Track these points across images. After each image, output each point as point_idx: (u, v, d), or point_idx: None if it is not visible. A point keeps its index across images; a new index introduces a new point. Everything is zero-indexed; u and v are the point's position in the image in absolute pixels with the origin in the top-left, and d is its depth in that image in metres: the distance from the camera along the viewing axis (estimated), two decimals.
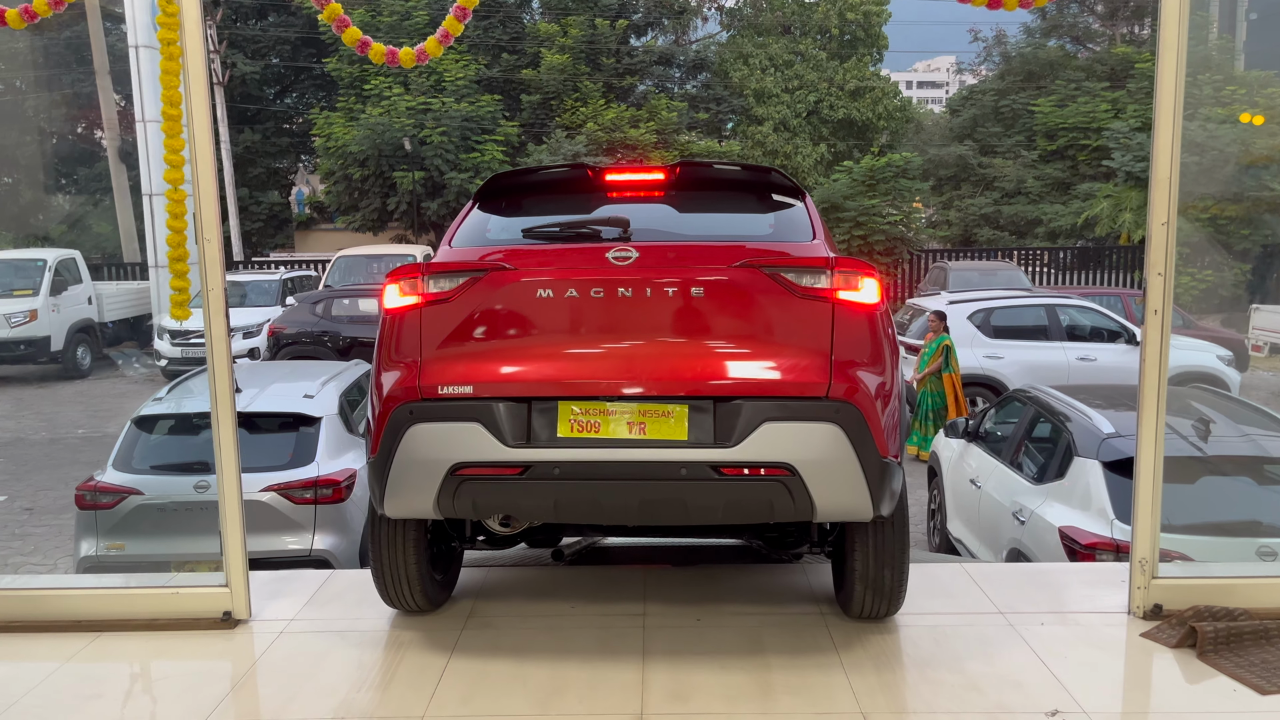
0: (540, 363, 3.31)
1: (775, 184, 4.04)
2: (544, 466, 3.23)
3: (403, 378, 3.34)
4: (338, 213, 29.41)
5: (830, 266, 3.36)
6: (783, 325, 3.32)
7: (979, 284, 18.95)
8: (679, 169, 3.99)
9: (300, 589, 4.26)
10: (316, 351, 15.10)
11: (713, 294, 3.34)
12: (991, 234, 27.97)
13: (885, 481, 3.28)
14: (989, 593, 4.06)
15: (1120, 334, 12.88)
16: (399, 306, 3.46)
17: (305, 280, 20.32)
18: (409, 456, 3.29)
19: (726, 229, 3.90)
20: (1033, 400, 7.04)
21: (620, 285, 3.33)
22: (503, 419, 3.23)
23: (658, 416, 3.24)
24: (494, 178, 4.13)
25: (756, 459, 3.18)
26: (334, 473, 6.75)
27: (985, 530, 6.95)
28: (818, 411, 3.20)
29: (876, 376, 3.32)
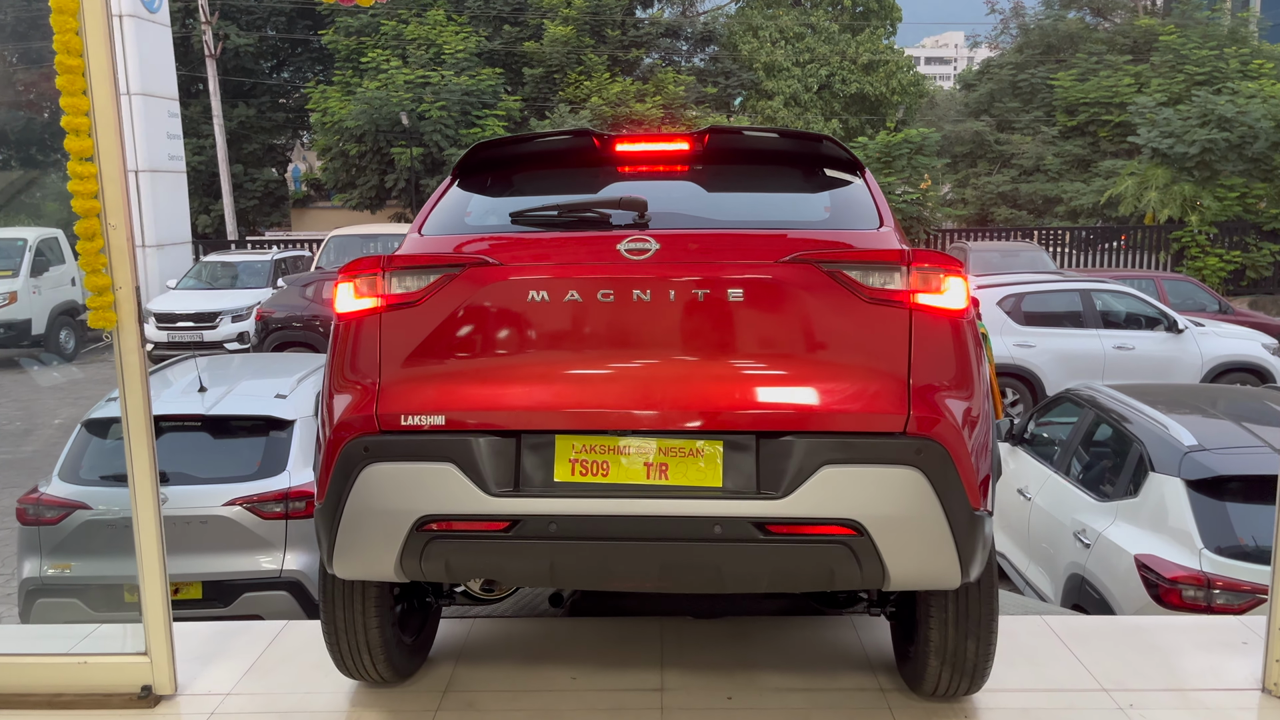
0: (532, 386, 2.61)
1: (828, 156, 3.24)
2: (537, 521, 2.56)
3: (357, 404, 2.66)
4: (335, 190, 28.60)
5: (906, 262, 2.63)
6: (845, 338, 2.60)
7: (1000, 266, 18.13)
8: (708, 138, 3.16)
9: (243, 649, 3.52)
10: (306, 337, 14.35)
11: (755, 297, 2.62)
12: (1009, 213, 27.08)
13: (976, 539, 2.57)
14: (1083, 658, 3.31)
15: (1159, 320, 12.08)
16: (353, 311, 2.75)
17: (299, 261, 19.53)
18: (364, 505, 2.61)
19: (769, 213, 3.13)
20: (1090, 402, 6.27)
21: (636, 286, 2.63)
22: (484, 458, 2.56)
23: (684, 456, 2.56)
24: (477, 147, 3.31)
25: (813, 514, 2.49)
26: (308, 484, 5.99)
27: (1038, 548, 6.20)
28: (893, 452, 2.51)
29: (966, 405, 2.59)
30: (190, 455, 6.09)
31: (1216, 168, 22.30)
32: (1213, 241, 22.53)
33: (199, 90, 29.25)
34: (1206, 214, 22.16)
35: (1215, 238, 22.55)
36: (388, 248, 16.14)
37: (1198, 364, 11.81)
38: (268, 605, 5.88)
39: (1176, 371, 11.80)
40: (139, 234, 19.46)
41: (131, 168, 16.00)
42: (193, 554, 5.80)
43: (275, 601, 5.87)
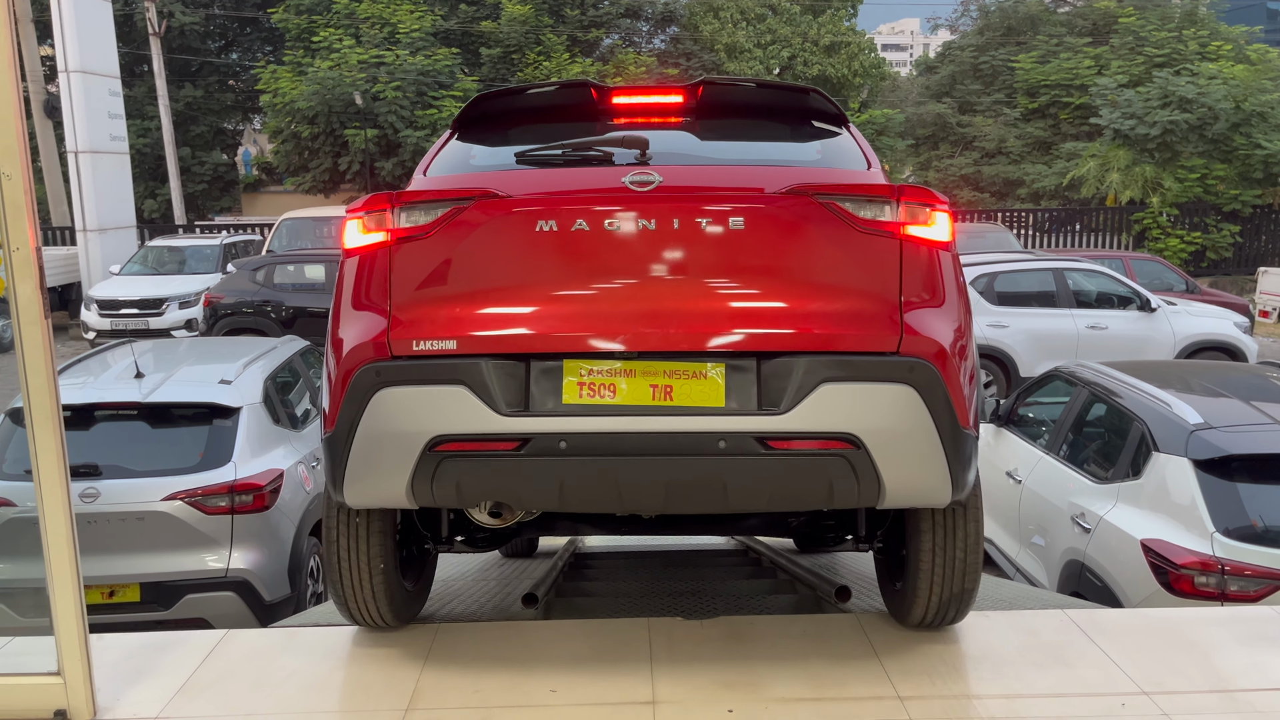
0: (541, 311, 2.69)
1: (816, 109, 3.42)
2: (547, 439, 2.62)
3: (367, 332, 2.72)
4: (287, 174, 27.79)
5: (896, 196, 2.78)
6: (840, 266, 2.74)
7: (966, 247, 17.96)
8: (701, 89, 3.30)
9: (175, 664, 3.10)
10: (257, 323, 13.77)
11: (754, 226, 2.74)
12: (972, 195, 27.04)
13: (965, 456, 2.72)
14: (1116, 657, 3.00)
15: (1132, 299, 11.93)
16: (362, 245, 2.83)
17: (250, 245, 18.88)
18: (376, 429, 2.66)
19: (763, 155, 3.30)
20: (1081, 380, 6.00)
21: (641, 215, 2.72)
22: (494, 381, 2.64)
23: (688, 377, 2.65)
24: (478, 99, 3.43)
25: (813, 429, 2.60)
26: (255, 475, 5.56)
27: (1029, 533, 5.93)
28: (888, 370, 2.63)
29: (953, 329, 2.75)
30: (126, 446, 5.62)
31: (1177, 149, 22.34)
32: (1174, 223, 22.59)
33: (143, 71, 28.30)
34: (1168, 195, 22.19)
35: (1176, 219, 22.61)
36: None
37: (1170, 343, 11.67)
38: (213, 607, 5.44)
39: (1149, 351, 11.65)
40: (79, 217, 18.68)
41: (71, 148, 15.27)
42: (129, 553, 5.35)
43: (221, 603, 5.43)
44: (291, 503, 5.82)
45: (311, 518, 6.09)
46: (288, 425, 6.35)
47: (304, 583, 5.83)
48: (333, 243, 17.71)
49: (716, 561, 5.52)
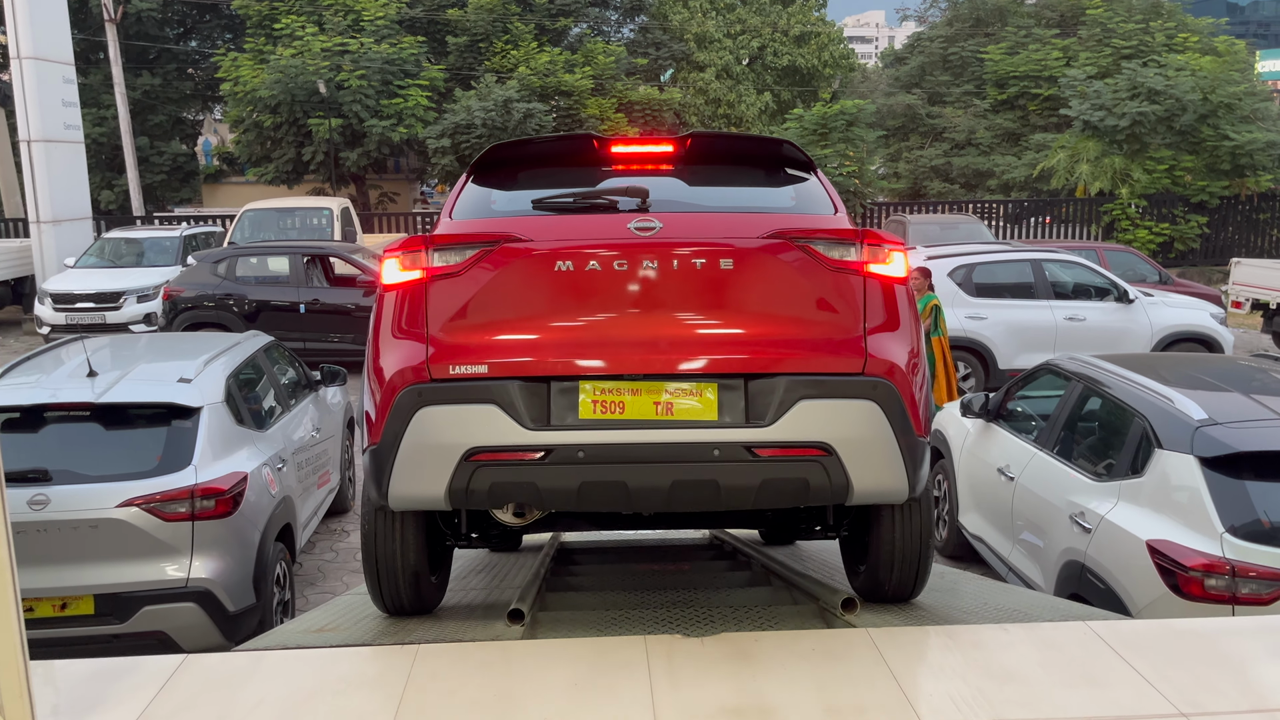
0: (559, 339, 3.14)
1: (787, 157, 3.90)
2: (567, 450, 3.06)
3: (409, 358, 3.16)
4: (249, 164, 27.18)
5: (860, 239, 3.29)
6: (813, 299, 3.22)
7: (940, 238, 17.87)
8: (690, 141, 3.80)
9: (129, 695, 2.81)
10: (219, 318, 13.36)
11: (742, 266, 3.21)
12: (942, 186, 27.03)
13: (920, 460, 3.23)
14: (1147, 673, 2.81)
15: (1109, 291, 11.86)
16: (400, 282, 3.26)
17: (211, 237, 18.38)
18: (419, 441, 3.11)
19: (746, 201, 3.81)
20: (1076, 374, 5.84)
21: (645, 257, 3.17)
22: (520, 400, 3.07)
23: (686, 395, 3.11)
24: (491, 149, 3.89)
25: (793, 439, 3.06)
26: (217, 479, 5.26)
27: (1023, 532, 5.76)
28: (855, 388, 3.11)
29: (908, 351, 3.25)
30: (78, 450, 5.29)
31: (1146, 140, 22.41)
32: (1142, 214, 22.67)
33: (99, 58, 27.55)
34: (1136, 186, 22.27)
35: (1145, 210, 22.70)
36: (306, 223, 14.98)
37: (1148, 334, 11.62)
38: (173, 619, 5.14)
39: (1127, 342, 11.59)
40: (32, 208, 18.09)
41: (24, 137, 14.68)
42: (82, 563, 5.03)
43: (182, 615, 5.13)
44: (256, 507, 5.53)
45: (277, 522, 5.80)
46: (252, 425, 6.05)
47: (269, 591, 5.55)
48: (297, 234, 17.30)
49: (705, 566, 5.28)
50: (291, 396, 7.17)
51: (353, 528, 8.09)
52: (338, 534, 7.93)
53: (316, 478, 7.11)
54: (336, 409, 8.05)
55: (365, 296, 13.43)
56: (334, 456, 7.76)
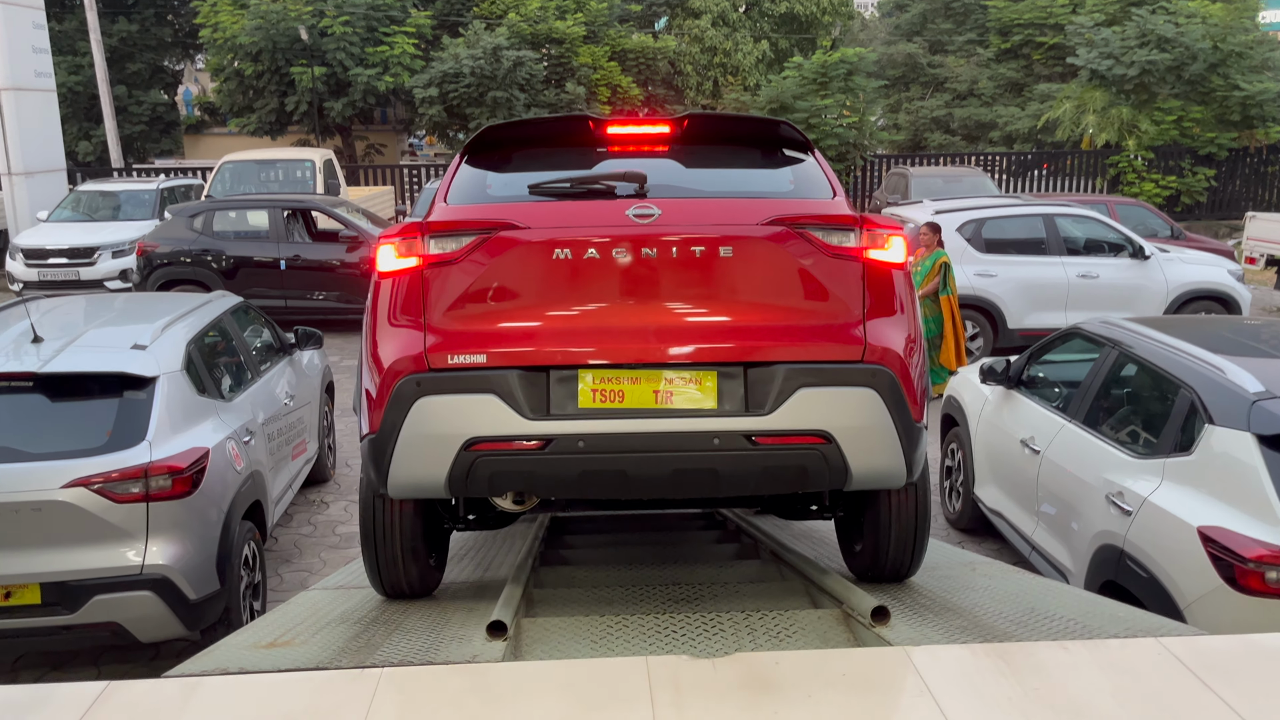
0: (558, 328, 3.14)
1: (785, 137, 3.81)
2: (567, 440, 3.07)
3: (407, 347, 3.17)
4: (230, 114, 26.36)
5: (859, 224, 3.28)
6: (813, 286, 3.21)
7: (943, 192, 17.38)
8: (687, 122, 3.73)
9: None
10: (196, 274, 12.83)
11: (741, 254, 3.20)
12: (943, 138, 26.41)
13: (918, 445, 3.24)
14: (1235, 703, 2.38)
15: (1123, 246, 11.38)
16: (396, 269, 3.25)
17: (189, 189, 17.75)
18: (417, 432, 3.11)
19: (744, 185, 3.74)
20: (1110, 340, 5.39)
21: (643, 244, 3.17)
22: (519, 390, 3.08)
23: (685, 384, 3.11)
24: (484, 130, 3.82)
25: (792, 427, 3.07)
26: (175, 456, 4.79)
27: (1051, 510, 5.34)
28: (854, 376, 3.13)
29: (906, 337, 3.25)
30: (19, 424, 4.81)
31: (1154, 90, 21.79)
32: (1149, 166, 22.11)
33: (74, 4, 26.61)
34: (1144, 138, 21.69)
35: (1151, 163, 22.14)
36: (291, 175, 14.33)
37: (1163, 292, 11.18)
38: (128, 609, 4.70)
39: (1141, 300, 11.14)
40: (2, 160, 17.41)
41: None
42: (26, 549, 4.57)
43: (137, 604, 4.69)
44: (219, 485, 5.07)
45: (244, 500, 5.35)
46: (215, 395, 5.58)
47: (236, 575, 5.11)
48: (278, 187, 16.68)
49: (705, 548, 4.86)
50: (263, 362, 6.69)
51: (332, 498, 7.65)
52: (316, 505, 7.50)
53: (290, 449, 6.65)
54: (313, 373, 7.57)
55: (348, 252, 12.91)
56: (311, 424, 7.30)
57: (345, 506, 7.47)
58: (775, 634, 3.04)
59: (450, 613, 3.34)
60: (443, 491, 3.15)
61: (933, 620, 3.06)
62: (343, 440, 8.90)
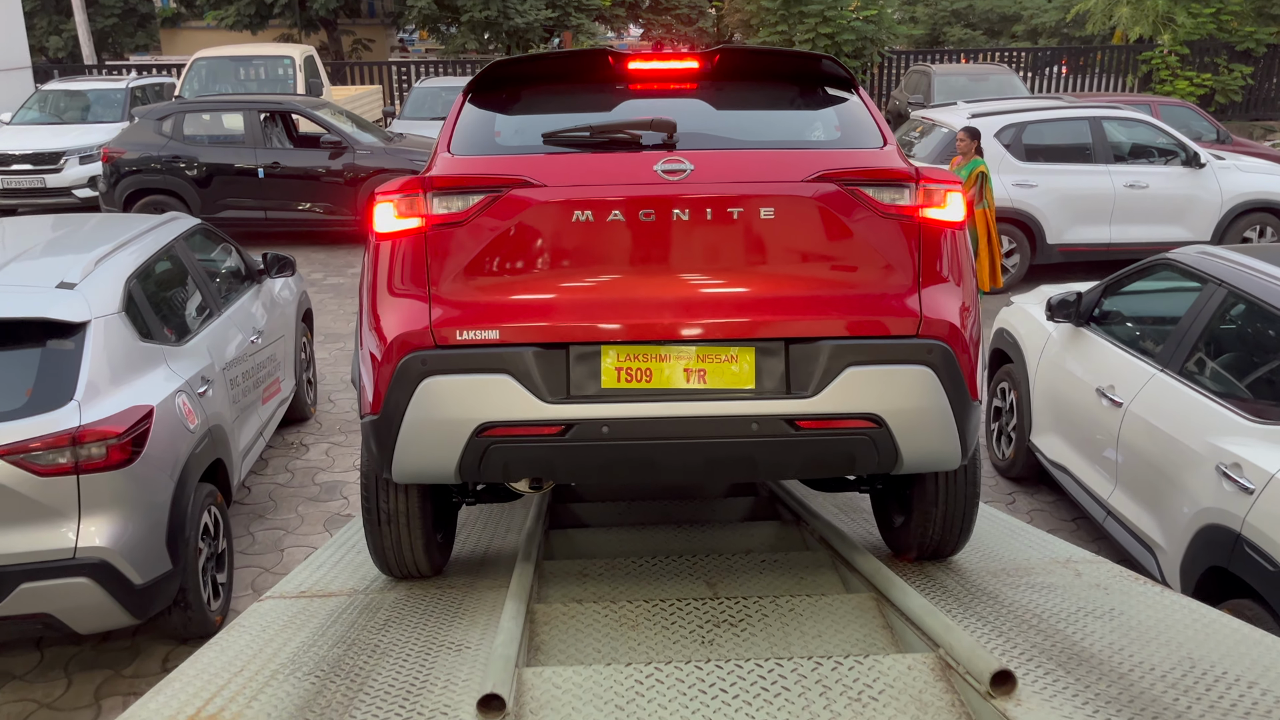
0: (578, 299, 2.83)
1: (827, 74, 3.43)
2: (590, 425, 2.79)
3: (410, 320, 2.86)
4: (208, 7, 24.85)
5: (915, 179, 2.94)
6: (863, 251, 2.88)
7: (968, 91, 16.27)
8: (717, 57, 3.30)
9: None
10: (168, 183, 11.89)
11: (784, 215, 2.86)
12: (963, 33, 24.96)
13: (974, 426, 2.99)
14: None
15: (1175, 153, 10.42)
16: (395, 231, 2.93)
17: (161, 89, 16.60)
18: (425, 416, 2.83)
19: (784, 132, 3.37)
20: (1212, 275, 4.57)
21: (674, 205, 2.83)
22: (536, 369, 2.78)
23: (720, 361, 2.82)
24: (491, 67, 3.41)
25: (840, 410, 2.78)
26: (110, 418, 4.03)
27: (1138, 475, 4.61)
28: (908, 352, 2.82)
29: (966, 308, 2.95)
30: None
31: None
32: (1183, 63, 20.86)
33: None
34: (1180, 32, 20.38)
35: (1185, 59, 20.88)
36: (272, 73, 13.13)
37: (1217, 203, 10.28)
38: (62, 599, 3.99)
39: (1194, 213, 10.26)
40: None
41: None
42: None
43: (71, 593, 3.98)
44: (167, 448, 4.32)
45: (201, 462, 4.61)
46: (164, 339, 4.79)
47: (192, 550, 4.40)
48: (257, 87, 15.55)
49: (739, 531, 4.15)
50: (226, 294, 5.87)
51: (313, 439, 6.93)
52: (294, 449, 6.77)
53: (261, 391, 5.88)
54: (286, 303, 6.76)
55: (332, 159, 11.94)
56: (285, 360, 6.52)
57: (327, 450, 6.75)
58: (854, 693, 2.32)
59: (436, 657, 2.61)
60: (452, 479, 2.92)
61: (1065, 682, 2.32)
62: (324, 371, 8.14)
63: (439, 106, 15.57)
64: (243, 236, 13.14)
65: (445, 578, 3.60)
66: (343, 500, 6.06)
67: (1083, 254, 10.35)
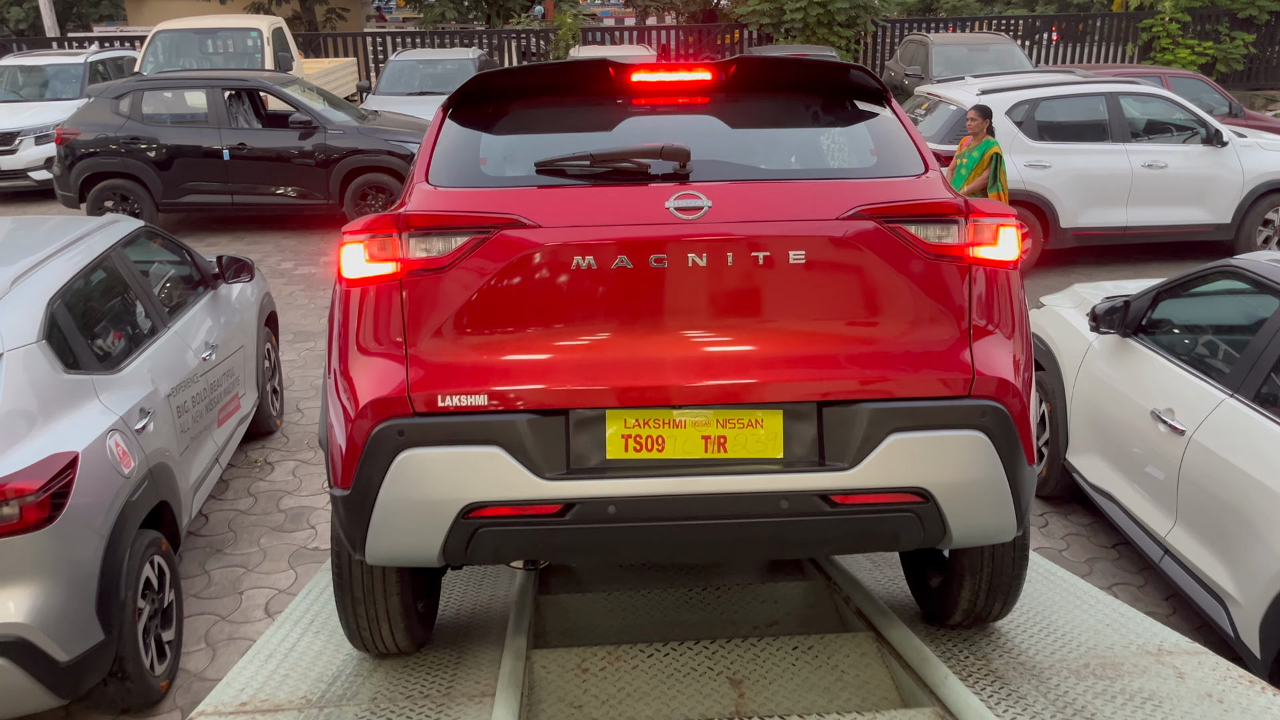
0: (580, 358, 2.49)
1: (856, 85, 3.02)
2: (594, 505, 2.45)
3: (383, 382, 2.51)
4: None
5: (964, 214, 2.58)
6: (905, 298, 2.54)
7: (968, 62, 15.63)
8: (734, 69, 2.89)
9: None
10: (126, 166, 11.17)
11: (816, 258, 2.52)
12: (956, 1, 24.22)
13: (1030, 493, 2.67)
14: None
15: (1194, 130, 9.87)
16: (366, 277, 2.56)
17: (123, 62, 15.79)
18: (402, 495, 2.48)
19: (812, 158, 2.93)
20: None
21: (689, 249, 2.49)
22: (531, 439, 2.44)
23: (743, 427, 2.47)
24: (476, 79, 2.97)
25: (882, 484, 2.46)
26: (24, 471, 3.45)
27: (1201, 513, 4.08)
28: (959, 416, 2.49)
29: (1022, 361, 2.63)
30: None
31: None
32: (1184, 30, 20.27)
33: None
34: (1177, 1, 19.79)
35: (1186, 26, 20.29)
36: (240, 46, 12.24)
37: (1239, 184, 9.74)
38: None
39: (1214, 194, 9.73)
40: None
41: None
42: None
43: None
44: (97, 499, 3.74)
45: (139, 510, 4.02)
46: (95, 367, 4.18)
47: (130, 613, 3.82)
48: (223, 61, 14.77)
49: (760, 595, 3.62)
50: (174, 305, 5.25)
51: (278, 457, 6.34)
52: (258, 468, 6.18)
53: (216, 413, 5.29)
54: (246, 307, 6.14)
55: (302, 139, 11.25)
56: (245, 373, 5.92)
57: (293, 469, 6.16)
58: None
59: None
60: (435, 563, 2.57)
61: None
62: (293, 375, 7.54)
63: (416, 81, 14.84)
64: (208, 222, 12.54)
65: (421, 673, 3.05)
66: (310, 530, 5.49)
67: (1097, 238, 9.81)
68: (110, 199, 11.23)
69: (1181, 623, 4.55)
